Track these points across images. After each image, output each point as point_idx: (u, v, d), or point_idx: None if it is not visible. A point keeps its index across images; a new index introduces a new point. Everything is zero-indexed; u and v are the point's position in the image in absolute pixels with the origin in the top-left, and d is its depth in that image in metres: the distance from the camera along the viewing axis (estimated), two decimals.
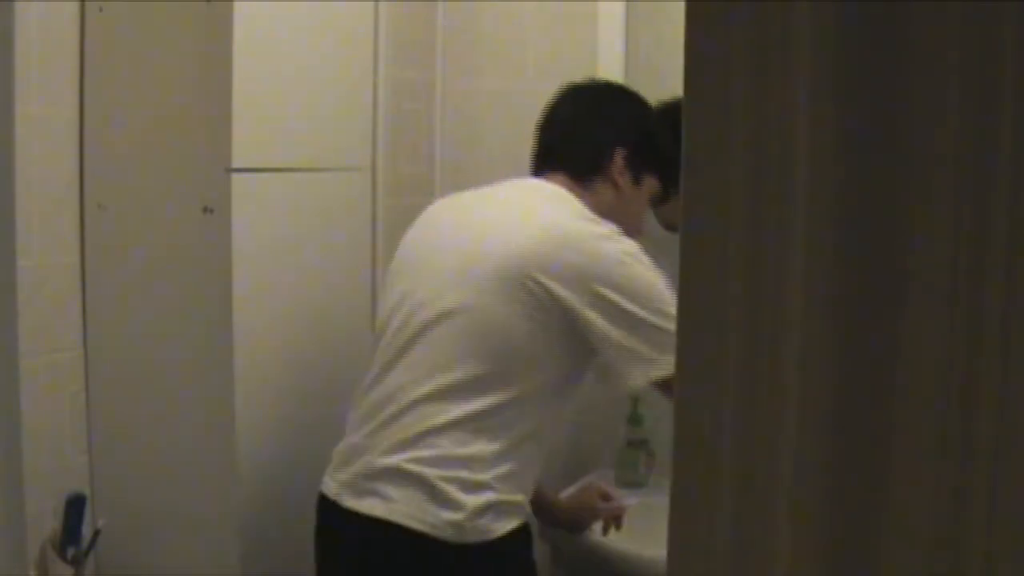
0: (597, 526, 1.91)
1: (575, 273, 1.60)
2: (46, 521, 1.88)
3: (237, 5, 1.80)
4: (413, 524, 1.57)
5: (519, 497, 1.64)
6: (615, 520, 1.89)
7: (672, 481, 0.76)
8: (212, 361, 1.88)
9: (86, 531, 1.93)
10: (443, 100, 2.47)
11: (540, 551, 1.86)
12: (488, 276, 1.62)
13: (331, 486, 1.70)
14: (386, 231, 2.29)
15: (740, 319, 0.72)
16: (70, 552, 1.89)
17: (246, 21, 1.82)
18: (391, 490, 1.59)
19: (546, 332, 1.61)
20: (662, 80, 2.28)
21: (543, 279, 1.59)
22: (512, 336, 1.60)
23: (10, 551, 1.04)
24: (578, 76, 2.33)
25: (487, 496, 1.58)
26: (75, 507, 1.90)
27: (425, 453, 1.59)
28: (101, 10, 1.91)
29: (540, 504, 1.83)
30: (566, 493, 2.03)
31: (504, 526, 1.61)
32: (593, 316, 1.59)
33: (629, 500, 1.96)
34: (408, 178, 2.39)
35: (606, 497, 1.92)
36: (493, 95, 2.42)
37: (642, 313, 1.59)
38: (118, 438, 1.98)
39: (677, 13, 0.77)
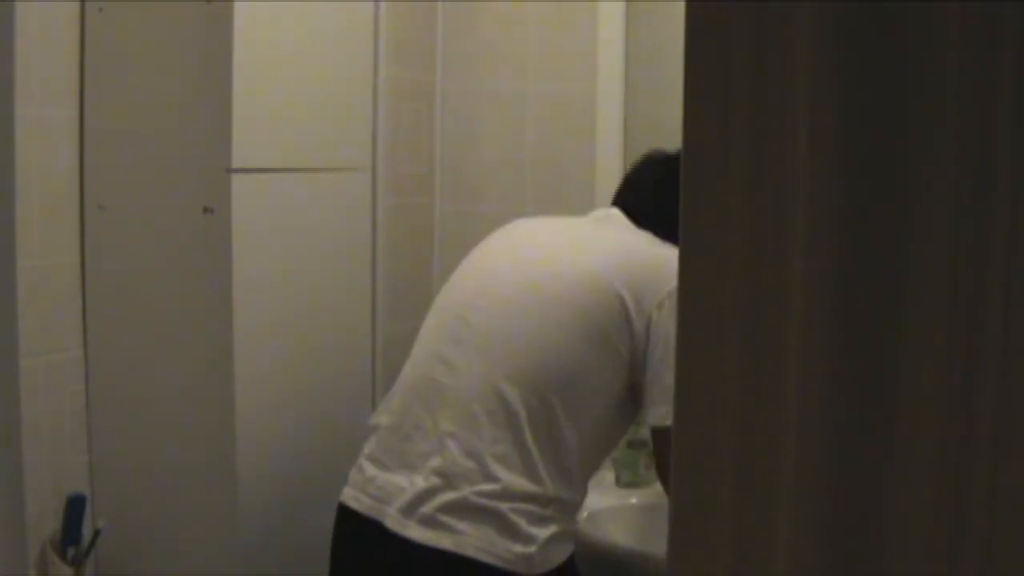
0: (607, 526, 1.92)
1: (649, 286, 1.61)
2: (46, 521, 1.88)
3: (237, 5, 1.80)
4: (484, 558, 1.53)
5: (574, 524, 1.65)
6: None
7: (672, 481, 0.76)
8: (212, 361, 1.88)
9: (86, 531, 1.93)
10: (443, 100, 2.47)
11: None
12: (567, 291, 1.63)
13: (377, 508, 1.62)
14: (386, 231, 2.29)
15: (740, 321, 0.72)
16: (70, 552, 1.89)
17: (246, 21, 1.82)
18: (457, 522, 1.55)
19: (615, 352, 1.61)
20: (662, 80, 2.29)
21: (624, 291, 1.61)
22: (581, 357, 1.61)
23: (10, 551, 1.04)
24: (578, 76, 2.35)
25: (552, 528, 1.58)
26: (75, 507, 1.90)
27: (490, 487, 1.55)
28: (101, 10, 1.91)
29: None
30: None
31: (564, 553, 1.61)
32: (660, 325, 1.59)
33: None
34: (408, 178, 2.39)
35: None
36: (493, 95, 2.42)
37: None
38: (118, 438, 1.98)
39: (677, 13, 0.77)
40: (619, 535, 1.92)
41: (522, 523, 1.55)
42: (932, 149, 0.66)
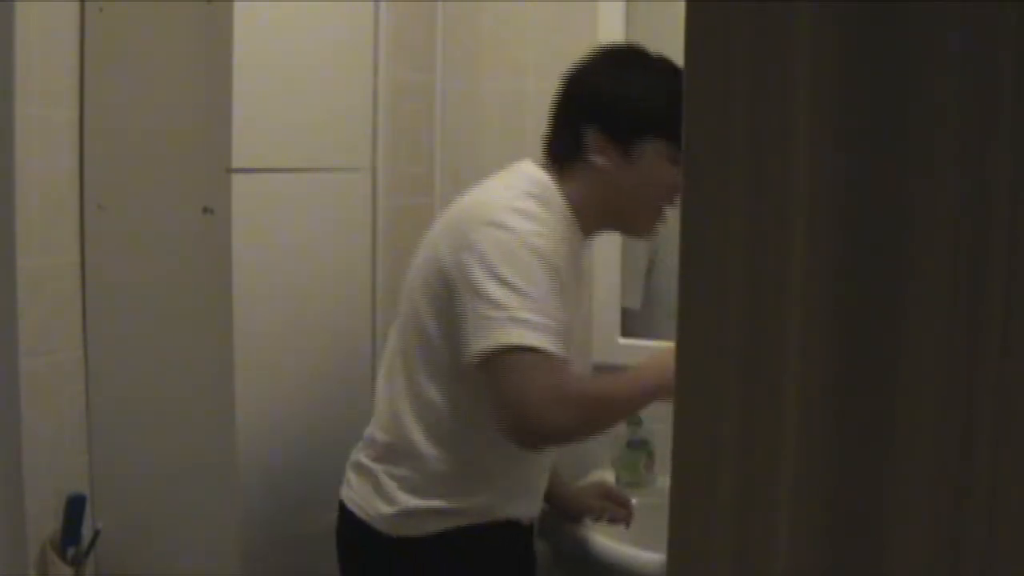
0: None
1: (459, 239, 1.60)
2: (46, 521, 1.88)
3: (237, 5, 1.80)
4: (358, 512, 1.71)
5: (468, 503, 1.66)
6: (620, 519, 1.94)
7: (672, 481, 0.76)
8: (212, 361, 1.88)
9: (86, 531, 1.93)
10: (443, 100, 2.47)
11: (540, 550, 1.87)
12: (418, 269, 1.71)
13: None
14: (386, 231, 2.29)
15: (740, 321, 0.72)
16: (70, 552, 1.89)
17: (246, 21, 1.82)
18: (353, 478, 1.75)
19: (447, 314, 1.60)
20: None
21: (443, 251, 1.62)
22: (428, 323, 1.64)
23: (10, 551, 1.04)
24: None
25: (431, 502, 1.65)
26: (75, 507, 1.90)
27: (374, 451, 1.72)
28: (101, 10, 1.91)
29: (549, 491, 1.85)
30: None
31: (440, 525, 1.65)
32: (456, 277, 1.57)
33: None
34: (408, 178, 2.39)
35: (606, 496, 1.98)
36: (493, 95, 2.42)
37: (490, 286, 1.52)
38: (118, 438, 1.98)
39: (677, 13, 0.76)
40: (619, 535, 1.92)
41: (392, 486, 1.66)
42: (932, 149, 0.66)
